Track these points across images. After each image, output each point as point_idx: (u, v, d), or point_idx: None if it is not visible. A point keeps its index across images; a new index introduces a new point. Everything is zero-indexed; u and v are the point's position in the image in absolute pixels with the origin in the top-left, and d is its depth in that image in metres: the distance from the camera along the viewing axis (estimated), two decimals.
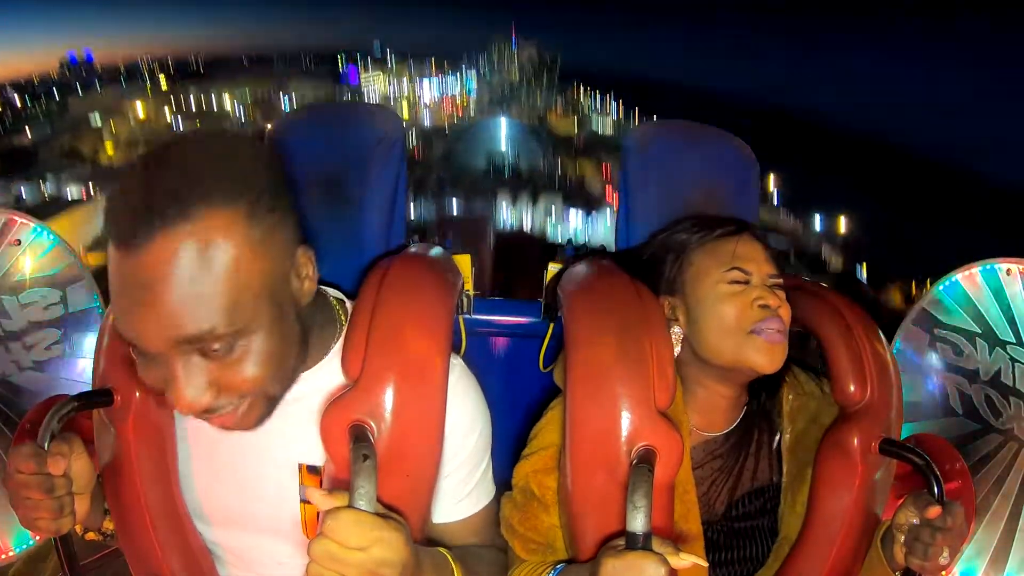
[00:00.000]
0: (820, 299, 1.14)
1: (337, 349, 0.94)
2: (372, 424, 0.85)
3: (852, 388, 1.05)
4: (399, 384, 0.87)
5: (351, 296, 1.01)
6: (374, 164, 1.27)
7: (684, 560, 0.78)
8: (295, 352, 0.83)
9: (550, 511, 1.02)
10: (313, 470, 0.92)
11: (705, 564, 0.78)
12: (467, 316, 1.33)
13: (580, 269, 1.13)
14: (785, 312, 1.04)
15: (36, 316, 1.52)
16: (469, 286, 1.34)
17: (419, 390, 0.88)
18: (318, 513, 0.91)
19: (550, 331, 1.32)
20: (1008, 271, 1.38)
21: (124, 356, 0.97)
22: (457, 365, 0.97)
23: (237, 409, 0.80)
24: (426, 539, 0.98)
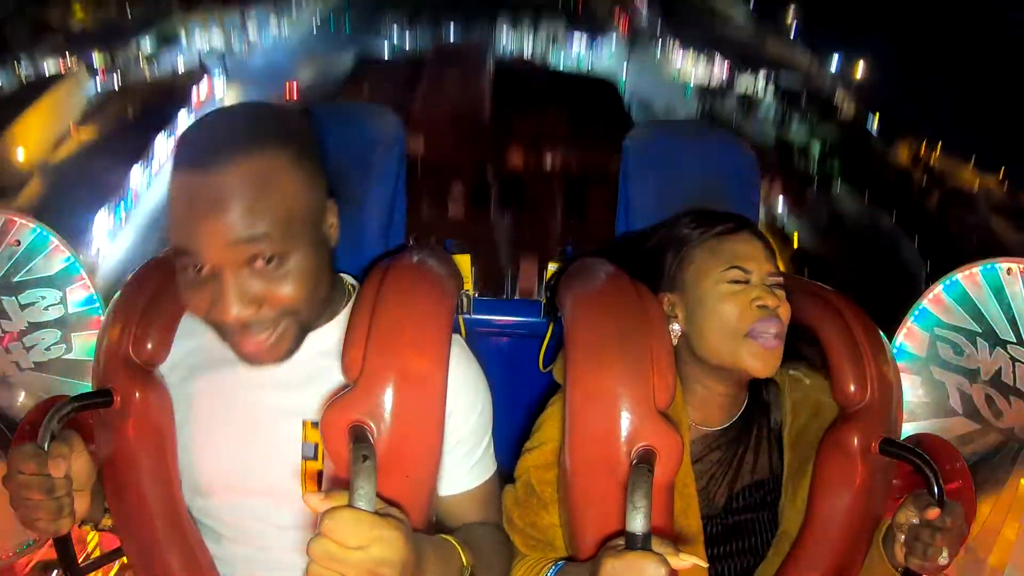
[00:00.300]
0: (820, 299, 1.14)
1: (343, 316, 0.98)
2: (372, 424, 0.85)
3: (852, 388, 1.05)
4: (399, 385, 0.87)
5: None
6: (374, 164, 1.27)
7: (684, 561, 0.78)
8: (326, 283, 0.93)
9: (549, 509, 1.02)
10: (317, 425, 0.93)
11: (705, 564, 0.78)
12: (467, 316, 1.33)
13: (580, 269, 1.13)
14: (784, 312, 1.04)
15: (36, 316, 1.52)
16: (469, 286, 1.33)
17: (419, 391, 0.88)
18: (319, 472, 0.93)
19: (550, 331, 1.32)
20: (1008, 271, 1.38)
21: (124, 356, 0.97)
22: (456, 342, 0.99)
23: (272, 332, 0.87)
24: (432, 518, 0.99)
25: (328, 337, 0.97)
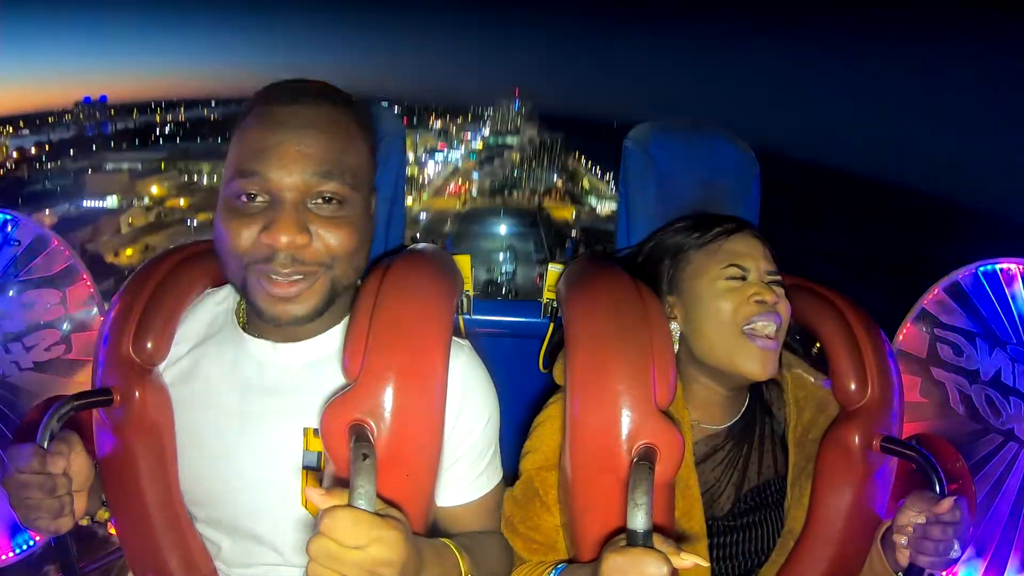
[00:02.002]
0: (821, 298, 1.14)
1: (345, 322, 0.97)
2: (372, 424, 0.85)
3: (853, 387, 1.05)
4: (399, 384, 0.87)
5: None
6: (375, 167, 1.27)
7: (685, 560, 0.78)
8: (365, 253, 0.94)
9: (552, 511, 1.02)
10: (319, 433, 0.92)
11: (707, 564, 0.78)
12: (467, 316, 1.33)
13: (581, 268, 1.13)
14: (783, 308, 1.04)
15: (36, 316, 1.52)
16: (469, 286, 1.33)
17: (419, 390, 0.88)
18: (320, 479, 0.92)
19: (550, 331, 1.32)
20: (1008, 271, 1.38)
21: (124, 355, 0.97)
22: (465, 348, 0.99)
23: (307, 278, 0.87)
24: (433, 527, 0.98)
25: (332, 342, 0.97)
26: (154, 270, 1.04)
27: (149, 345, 0.97)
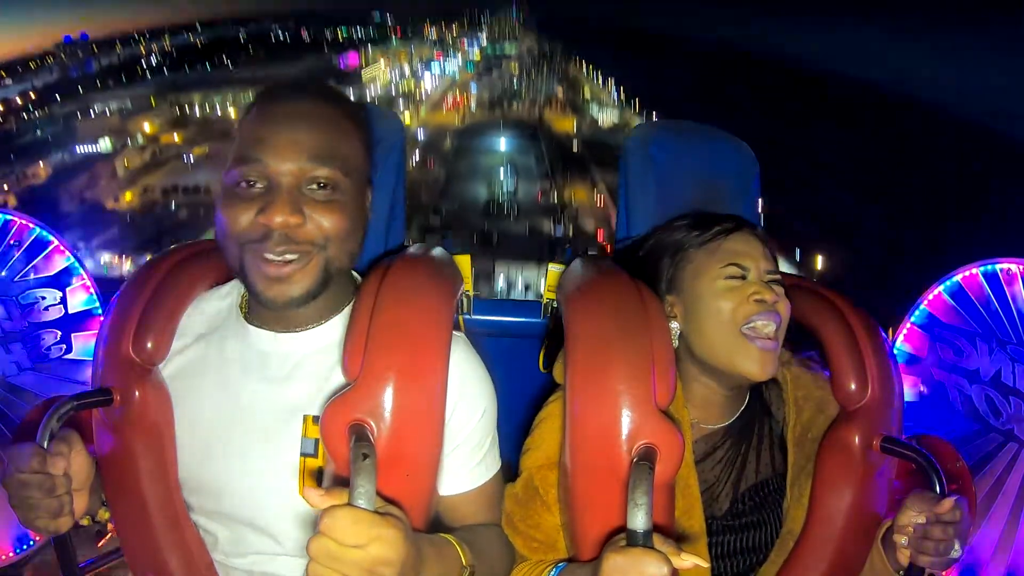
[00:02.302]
0: (821, 298, 1.14)
1: (347, 310, 1.00)
2: (372, 423, 0.85)
3: (853, 386, 1.05)
4: (399, 384, 0.87)
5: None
6: (374, 164, 1.26)
7: (685, 560, 0.78)
8: (359, 241, 0.98)
9: (552, 510, 1.02)
10: (317, 420, 0.93)
11: (707, 565, 0.78)
12: (467, 316, 1.33)
13: (581, 269, 1.13)
14: (783, 308, 1.04)
15: (36, 316, 1.52)
16: (469, 286, 1.33)
17: (419, 390, 0.88)
18: (319, 469, 0.93)
19: (550, 331, 1.32)
20: (1008, 271, 1.38)
21: (124, 355, 0.97)
22: (461, 340, 1.00)
23: (300, 261, 0.90)
24: (434, 518, 0.99)
25: (332, 332, 0.97)
26: (154, 270, 1.04)
27: (149, 345, 0.97)
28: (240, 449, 0.95)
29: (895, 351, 1.46)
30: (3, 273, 1.50)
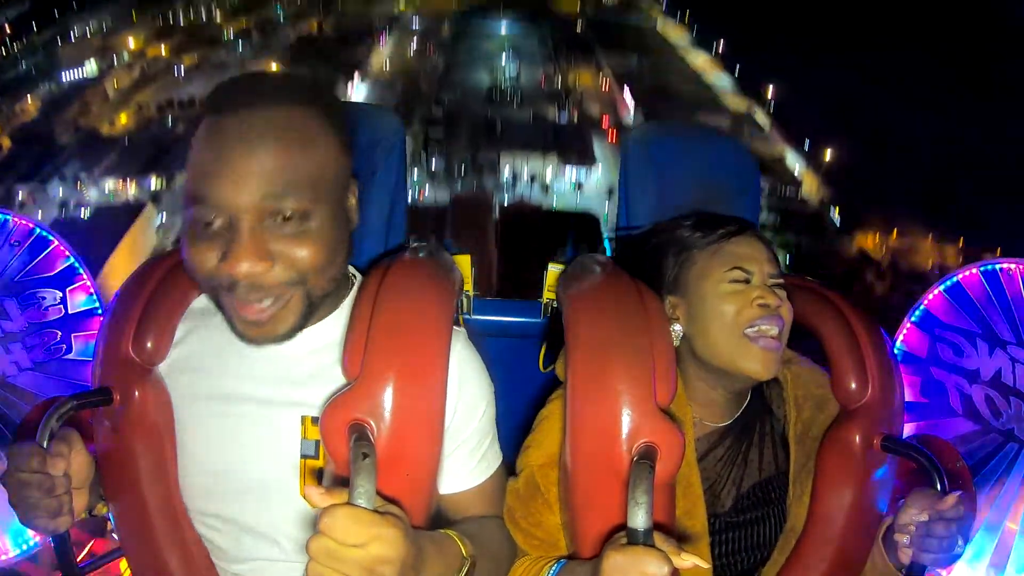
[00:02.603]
0: (821, 298, 1.14)
1: (345, 307, 0.98)
2: (372, 423, 0.85)
3: (853, 385, 1.05)
4: (399, 383, 0.87)
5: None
6: (374, 164, 1.27)
7: (686, 560, 0.78)
8: (342, 260, 0.91)
9: (554, 509, 1.02)
10: (317, 422, 0.92)
11: (707, 566, 0.78)
12: (467, 316, 1.33)
13: (581, 268, 1.13)
14: (786, 312, 1.04)
15: (36, 316, 1.52)
16: (469, 286, 1.33)
17: (419, 389, 0.88)
18: (319, 470, 0.92)
19: (550, 331, 1.32)
20: (1008, 271, 1.38)
21: (123, 355, 0.97)
22: (460, 335, 0.99)
23: (277, 301, 0.84)
24: (436, 515, 0.98)
25: (330, 331, 0.97)
26: (154, 269, 1.04)
27: (149, 345, 0.97)
28: (239, 452, 0.95)
29: (895, 351, 1.46)
30: (3, 273, 1.50)
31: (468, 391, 0.96)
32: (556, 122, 44.85)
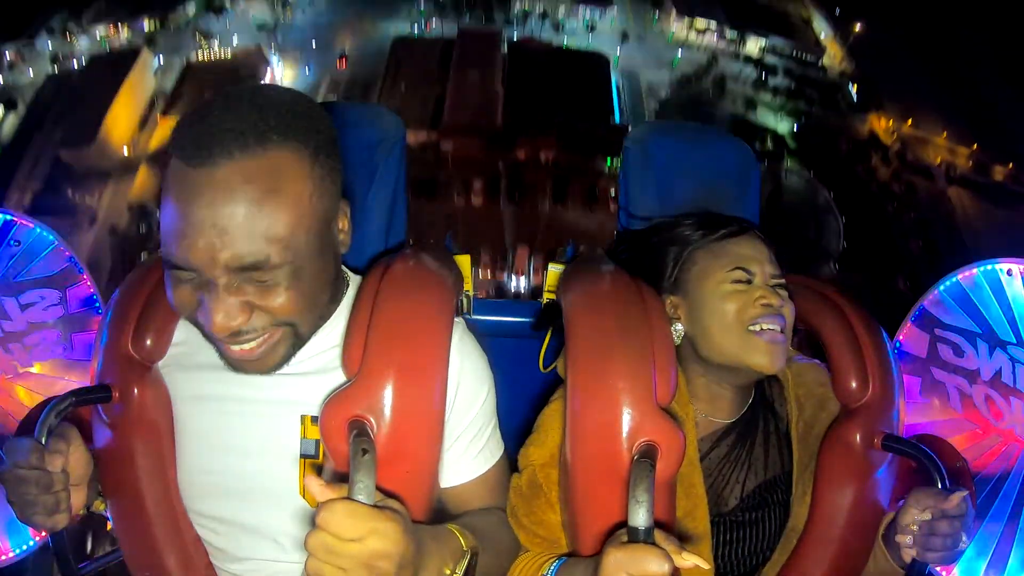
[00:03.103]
0: (822, 297, 1.14)
1: (342, 309, 0.97)
2: (371, 420, 0.85)
3: (854, 385, 1.05)
4: (398, 380, 0.87)
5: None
6: (374, 164, 1.27)
7: (687, 560, 0.78)
8: (327, 294, 0.90)
9: (556, 508, 1.02)
10: (316, 421, 0.92)
11: (708, 566, 0.78)
12: (467, 316, 1.33)
13: (581, 268, 1.13)
14: (788, 312, 1.04)
15: (36, 317, 1.52)
16: (469, 286, 1.33)
17: (418, 386, 0.88)
18: (319, 469, 0.92)
19: (549, 331, 1.32)
20: (1008, 271, 1.38)
21: (123, 352, 0.97)
22: (459, 325, 0.98)
23: (264, 340, 0.83)
24: (438, 507, 0.98)
25: (329, 331, 0.97)
26: (155, 267, 1.04)
27: (148, 342, 0.97)
28: (238, 452, 0.95)
29: (895, 351, 1.46)
30: (2, 272, 1.49)
31: (467, 379, 0.96)
32: None
